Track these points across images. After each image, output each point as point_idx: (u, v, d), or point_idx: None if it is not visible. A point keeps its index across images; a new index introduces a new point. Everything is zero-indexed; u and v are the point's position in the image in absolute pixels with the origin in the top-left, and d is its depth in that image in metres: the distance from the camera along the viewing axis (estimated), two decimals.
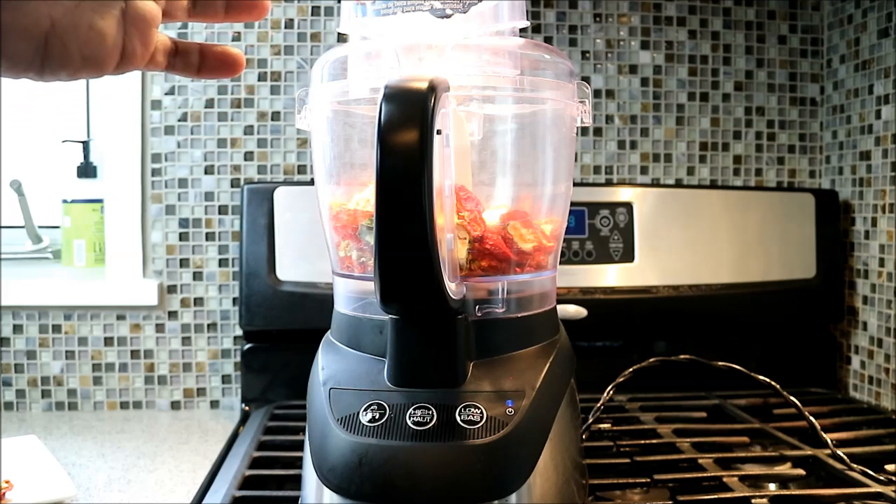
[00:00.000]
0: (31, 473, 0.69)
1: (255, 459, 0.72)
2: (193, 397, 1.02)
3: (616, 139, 1.07)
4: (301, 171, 1.02)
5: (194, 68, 0.45)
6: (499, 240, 0.48)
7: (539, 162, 0.55)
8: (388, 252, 0.40)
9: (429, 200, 0.39)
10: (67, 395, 1.00)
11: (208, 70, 0.45)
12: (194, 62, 0.45)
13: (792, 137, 1.10)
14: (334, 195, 0.54)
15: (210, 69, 0.45)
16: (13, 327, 0.99)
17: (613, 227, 0.97)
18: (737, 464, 0.71)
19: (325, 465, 0.45)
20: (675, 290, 0.97)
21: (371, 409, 0.45)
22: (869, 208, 1.01)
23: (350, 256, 0.51)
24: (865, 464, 0.67)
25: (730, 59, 1.08)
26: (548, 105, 0.53)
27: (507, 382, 0.46)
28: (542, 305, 0.52)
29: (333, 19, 1.02)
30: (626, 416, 0.85)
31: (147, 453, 0.83)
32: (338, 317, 0.52)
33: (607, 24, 1.06)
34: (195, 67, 0.45)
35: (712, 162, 1.08)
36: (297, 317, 0.92)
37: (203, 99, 1.01)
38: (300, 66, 1.02)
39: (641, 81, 1.07)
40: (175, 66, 0.44)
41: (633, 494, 0.65)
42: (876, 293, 1.00)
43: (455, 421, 0.44)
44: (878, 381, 0.99)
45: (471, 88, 0.50)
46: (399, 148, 0.39)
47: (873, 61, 0.99)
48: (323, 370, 0.49)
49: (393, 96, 0.40)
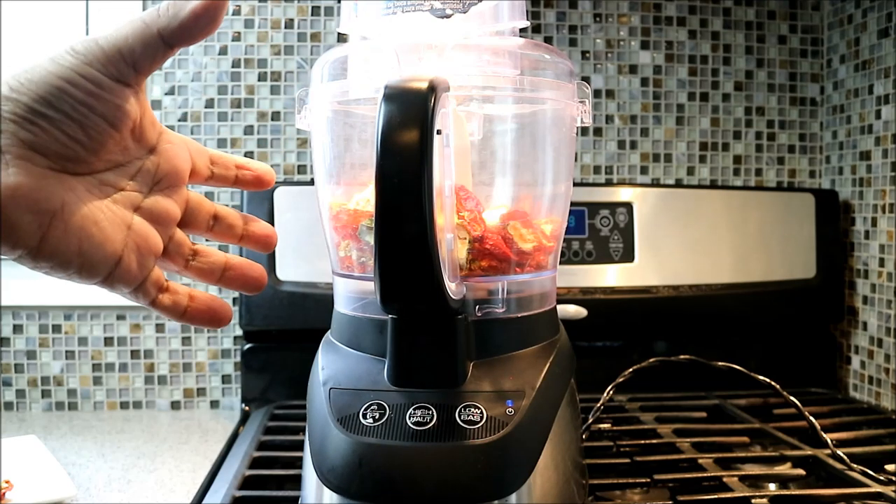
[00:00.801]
0: (31, 473, 0.69)
1: (255, 459, 0.72)
2: (193, 397, 1.02)
3: (616, 139, 1.07)
4: (301, 171, 1.02)
5: (181, 311, 0.44)
6: (499, 240, 0.48)
7: (539, 162, 0.55)
8: (388, 252, 0.40)
9: (429, 200, 0.39)
10: (67, 395, 1.00)
11: (191, 318, 0.45)
12: (182, 304, 0.44)
13: (792, 137, 1.10)
14: (334, 195, 0.54)
15: (193, 316, 0.45)
16: (13, 327, 0.99)
17: (613, 227, 0.97)
18: (737, 464, 0.71)
19: (325, 465, 0.45)
20: (675, 290, 0.97)
21: (371, 409, 0.45)
22: (869, 208, 1.01)
23: (350, 256, 0.51)
24: (865, 464, 0.67)
25: (730, 59, 1.08)
26: (548, 105, 0.53)
27: (507, 382, 0.46)
28: (542, 305, 0.51)
29: (333, 19, 1.02)
30: (626, 416, 0.85)
31: (147, 453, 0.83)
32: (338, 317, 0.52)
33: (607, 24, 1.06)
34: (181, 311, 0.44)
35: (712, 162, 1.09)
36: (297, 317, 0.92)
37: (203, 99, 1.01)
38: (300, 66, 1.02)
39: (641, 81, 1.07)
40: (162, 302, 0.43)
41: (633, 494, 0.65)
42: (876, 293, 1.00)
43: (455, 421, 0.44)
44: (878, 381, 0.99)
45: (471, 88, 0.50)
46: (399, 148, 0.39)
47: (873, 61, 0.99)
48: (323, 370, 0.49)
49: (393, 96, 0.40)
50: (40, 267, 0.37)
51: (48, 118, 0.36)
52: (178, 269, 0.45)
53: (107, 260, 0.39)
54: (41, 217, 0.36)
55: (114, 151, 0.40)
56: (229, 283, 0.47)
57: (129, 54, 0.37)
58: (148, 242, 0.41)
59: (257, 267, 0.48)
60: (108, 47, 0.37)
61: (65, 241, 0.37)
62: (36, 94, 0.36)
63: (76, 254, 0.38)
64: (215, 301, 0.45)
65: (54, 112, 0.36)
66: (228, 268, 0.47)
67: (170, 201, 0.43)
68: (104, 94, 0.37)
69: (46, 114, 0.36)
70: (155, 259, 0.42)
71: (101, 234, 0.39)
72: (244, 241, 0.49)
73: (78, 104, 0.36)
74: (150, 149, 0.42)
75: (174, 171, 0.43)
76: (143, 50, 0.38)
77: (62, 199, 0.37)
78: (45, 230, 0.36)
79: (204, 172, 0.46)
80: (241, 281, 0.47)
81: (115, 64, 0.37)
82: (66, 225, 0.37)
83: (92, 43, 0.37)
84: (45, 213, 0.36)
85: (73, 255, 0.37)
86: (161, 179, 0.43)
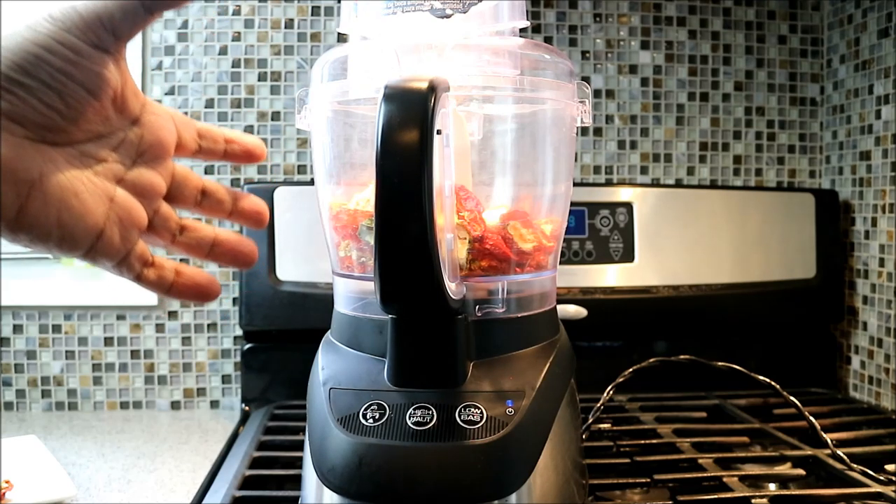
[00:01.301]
0: (31, 473, 0.69)
1: (255, 459, 0.72)
2: (193, 397, 1.02)
3: (616, 139, 1.07)
4: (301, 171, 1.02)
5: (166, 286, 0.43)
6: (499, 240, 0.48)
7: (539, 162, 0.55)
8: (388, 252, 0.40)
9: (429, 200, 0.39)
10: (67, 395, 1.00)
11: (177, 293, 0.44)
12: (168, 279, 0.43)
13: (792, 137, 1.10)
14: (334, 195, 0.54)
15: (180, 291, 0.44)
16: (13, 327, 0.99)
17: (613, 227, 0.97)
18: (737, 464, 0.71)
19: (325, 465, 0.45)
20: (675, 290, 0.97)
21: (371, 409, 0.45)
22: (869, 208, 1.01)
23: (350, 256, 0.51)
24: (865, 464, 0.67)
25: (730, 59, 1.08)
26: (548, 105, 0.53)
27: (507, 382, 0.46)
28: (542, 305, 0.52)
29: (333, 19, 1.02)
30: (626, 416, 0.85)
31: (147, 453, 0.83)
32: (338, 317, 0.52)
33: (607, 24, 1.06)
34: (167, 286, 0.43)
35: (712, 162, 1.09)
36: (297, 317, 0.92)
37: (203, 99, 1.01)
38: (300, 66, 1.02)
39: (641, 81, 1.07)
40: (147, 277, 0.42)
41: (633, 494, 0.65)
42: (876, 293, 1.00)
43: (455, 421, 0.44)
44: (878, 381, 0.99)
45: (471, 88, 0.50)
46: (399, 148, 0.39)
47: (873, 61, 0.99)
48: (323, 370, 0.49)
49: (393, 96, 0.40)
50: (20, 239, 0.37)
51: (25, 86, 0.35)
52: (164, 243, 0.44)
53: (88, 232, 0.38)
54: (19, 187, 0.35)
55: (94, 121, 0.39)
56: (219, 258, 0.46)
57: (108, 20, 0.37)
58: (131, 215, 0.40)
59: (247, 241, 0.47)
60: (87, 13, 0.36)
61: (44, 212, 0.36)
62: (12, 61, 0.35)
63: (55, 225, 0.37)
64: (202, 275, 0.44)
65: (31, 80, 0.35)
66: (217, 243, 0.46)
67: (154, 174, 0.42)
68: (83, 62, 0.36)
69: (23, 82, 0.35)
70: (139, 232, 0.41)
71: (82, 205, 0.38)
72: (234, 217, 0.47)
73: (56, 71, 0.36)
74: (133, 120, 0.41)
75: (158, 142, 0.42)
76: (122, 16, 0.37)
77: (40, 170, 0.36)
78: (23, 200, 0.35)
79: (191, 146, 0.45)
80: (230, 256, 0.46)
81: (94, 30, 0.36)
82: (44, 196, 0.36)
83: (70, 10, 0.36)
84: (22, 183, 0.35)
85: (53, 226, 0.37)
86: (145, 151, 0.42)
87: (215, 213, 0.47)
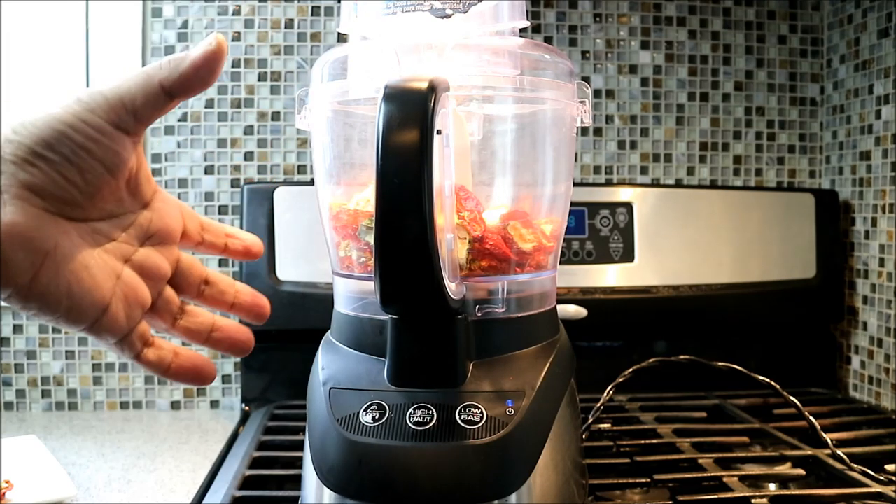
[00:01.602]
0: (31, 473, 0.69)
1: (255, 459, 0.72)
2: (193, 397, 1.02)
3: (616, 139, 1.07)
4: (301, 171, 1.02)
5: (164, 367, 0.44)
6: (499, 240, 0.48)
7: (539, 162, 0.55)
8: (388, 252, 0.40)
9: (429, 200, 0.39)
10: (67, 395, 1.00)
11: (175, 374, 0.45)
12: (167, 360, 0.45)
13: (792, 137, 1.10)
14: (334, 195, 0.53)
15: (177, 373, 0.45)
16: (13, 327, 0.99)
17: (613, 227, 0.97)
18: (737, 464, 0.71)
19: (325, 465, 0.45)
20: (675, 290, 0.97)
21: (371, 409, 0.45)
22: (869, 208, 1.01)
23: (350, 256, 0.51)
24: (865, 464, 0.67)
25: (730, 59, 1.08)
26: (548, 105, 0.53)
27: (507, 382, 0.46)
28: (542, 305, 0.51)
29: (333, 19, 1.02)
30: (626, 416, 0.85)
31: (147, 453, 0.83)
32: (338, 317, 0.52)
33: (607, 24, 1.06)
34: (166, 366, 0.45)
35: (712, 162, 1.09)
36: (297, 317, 0.92)
37: (203, 99, 1.01)
38: (300, 66, 1.02)
39: (641, 81, 1.07)
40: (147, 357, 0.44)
41: (633, 494, 0.65)
42: (876, 293, 1.00)
43: (455, 421, 0.44)
44: (878, 381, 0.99)
45: (471, 88, 0.50)
46: (399, 148, 0.39)
47: (873, 61, 0.99)
48: (323, 370, 0.49)
49: (393, 96, 0.40)
50: (30, 307, 0.38)
51: (47, 160, 0.37)
52: (165, 326, 0.46)
53: (94, 305, 0.40)
54: (34, 255, 0.37)
55: (109, 200, 0.41)
56: (216, 344, 0.48)
57: (130, 103, 0.39)
58: (136, 294, 0.42)
59: (244, 330, 0.49)
60: (111, 95, 0.39)
61: (55, 281, 0.38)
62: (38, 136, 0.37)
63: (65, 296, 0.38)
64: (199, 359, 0.46)
65: (53, 154, 0.37)
66: (216, 329, 0.47)
67: (160, 257, 0.44)
68: (103, 140, 0.38)
69: (46, 155, 0.37)
70: (142, 311, 0.43)
71: (91, 279, 0.39)
72: (235, 310, 0.49)
73: (77, 147, 0.38)
74: (144, 204, 0.44)
75: (166, 228, 0.45)
76: (144, 99, 0.39)
77: (56, 241, 0.38)
78: (37, 268, 0.37)
79: (195, 237, 0.47)
80: (227, 343, 0.48)
81: (117, 111, 0.39)
82: (57, 266, 0.38)
83: (97, 93, 0.39)
84: (38, 251, 0.37)
85: (63, 296, 0.38)
86: (153, 235, 0.44)
87: (217, 304, 0.49)
